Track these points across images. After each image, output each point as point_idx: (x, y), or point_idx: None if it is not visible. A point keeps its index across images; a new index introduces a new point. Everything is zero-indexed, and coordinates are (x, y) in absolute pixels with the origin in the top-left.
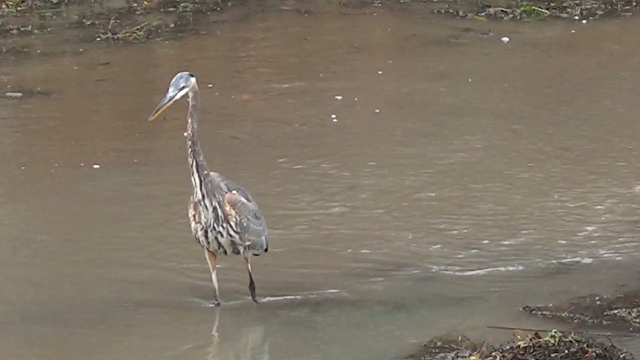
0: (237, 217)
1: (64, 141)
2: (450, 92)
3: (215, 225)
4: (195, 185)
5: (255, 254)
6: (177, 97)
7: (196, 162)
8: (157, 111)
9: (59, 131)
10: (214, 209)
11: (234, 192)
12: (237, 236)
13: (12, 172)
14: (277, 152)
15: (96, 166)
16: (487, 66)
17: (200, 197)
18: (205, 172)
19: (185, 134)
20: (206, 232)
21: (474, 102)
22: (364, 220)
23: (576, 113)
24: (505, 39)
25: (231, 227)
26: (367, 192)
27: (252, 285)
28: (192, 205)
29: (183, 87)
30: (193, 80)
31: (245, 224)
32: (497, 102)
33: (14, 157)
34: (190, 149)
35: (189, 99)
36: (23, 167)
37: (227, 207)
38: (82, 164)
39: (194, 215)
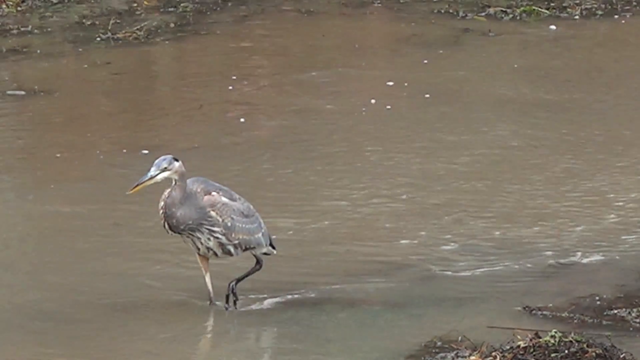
0: (218, 218)
1: (86, 132)
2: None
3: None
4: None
5: (265, 254)
6: (158, 178)
7: (169, 225)
8: (136, 186)
9: (77, 124)
10: (209, 230)
11: (214, 193)
12: (223, 237)
13: (47, 159)
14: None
15: (145, 151)
16: (529, 57)
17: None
18: (182, 227)
19: (162, 201)
20: (192, 235)
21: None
22: (366, 219)
23: (600, 109)
24: (553, 27)
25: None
26: (373, 189)
27: (258, 262)
28: None
29: (165, 169)
30: (177, 164)
31: (229, 224)
32: (527, 93)
33: (45, 148)
34: (162, 211)
35: (175, 180)
36: (57, 155)
37: (208, 209)
38: (124, 150)
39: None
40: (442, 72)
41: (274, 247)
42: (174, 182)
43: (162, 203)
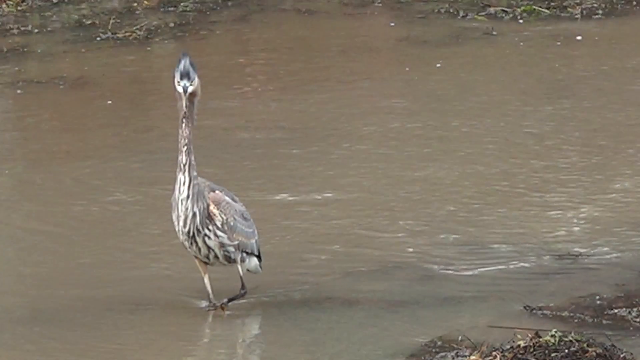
0: (222, 216)
1: (87, 130)
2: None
3: (200, 227)
4: (183, 184)
5: (251, 271)
6: (190, 89)
7: (189, 161)
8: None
9: (77, 123)
10: (194, 214)
11: (217, 192)
12: (224, 236)
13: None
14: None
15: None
16: (530, 57)
17: (185, 196)
18: (195, 173)
19: (180, 130)
20: (193, 236)
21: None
22: (365, 219)
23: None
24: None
25: (217, 227)
26: (371, 187)
27: (243, 287)
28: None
29: (193, 81)
30: (197, 79)
31: (232, 223)
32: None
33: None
34: (185, 147)
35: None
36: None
37: (212, 207)
38: (123, 150)
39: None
40: (442, 71)
41: (260, 259)
42: (190, 108)
43: (185, 140)
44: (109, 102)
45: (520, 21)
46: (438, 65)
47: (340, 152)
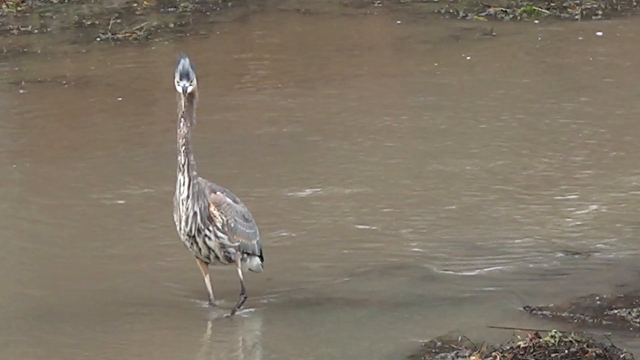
0: (222, 217)
1: (90, 129)
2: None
3: (202, 226)
4: (183, 184)
5: (252, 270)
6: (189, 90)
7: (188, 161)
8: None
9: (78, 122)
10: (194, 213)
11: (218, 193)
12: (225, 237)
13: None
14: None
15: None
16: (530, 57)
17: (185, 196)
18: (195, 172)
19: (179, 130)
20: (194, 237)
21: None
22: (365, 219)
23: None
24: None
25: (218, 228)
26: (370, 187)
27: (243, 292)
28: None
29: (192, 81)
30: (196, 80)
31: (232, 225)
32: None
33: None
34: (183, 147)
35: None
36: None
37: (212, 208)
38: (124, 150)
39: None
40: (442, 71)
41: (262, 259)
42: (188, 110)
43: (182, 140)
44: (119, 98)
45: (536, 21)
46: (466, 60)
47: (339, 152)
